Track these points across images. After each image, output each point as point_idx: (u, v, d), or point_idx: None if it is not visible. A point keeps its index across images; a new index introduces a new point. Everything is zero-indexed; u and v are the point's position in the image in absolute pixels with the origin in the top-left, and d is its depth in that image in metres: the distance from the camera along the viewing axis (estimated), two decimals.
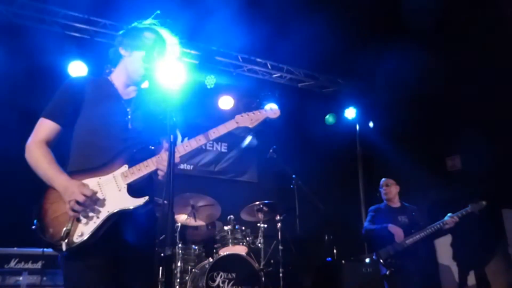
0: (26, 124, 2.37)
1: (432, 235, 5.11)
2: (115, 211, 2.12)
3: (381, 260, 4.95)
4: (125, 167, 2.22)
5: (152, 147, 2.34)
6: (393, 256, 4.88)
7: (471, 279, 6.91)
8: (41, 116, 2.29)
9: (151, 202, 2.23)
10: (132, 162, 2.23)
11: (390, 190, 5.48)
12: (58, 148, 2.33)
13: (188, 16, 5.84)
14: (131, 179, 2.20)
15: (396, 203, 5.44)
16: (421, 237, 4.93)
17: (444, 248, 7.31)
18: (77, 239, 2.05)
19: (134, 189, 2.20)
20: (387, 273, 4.82)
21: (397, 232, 4.93)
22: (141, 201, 2.16)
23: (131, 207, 2.14)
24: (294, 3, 5.84)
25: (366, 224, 5.34)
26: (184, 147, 2.28)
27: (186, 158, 7.38)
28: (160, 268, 4.11)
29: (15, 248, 4.57)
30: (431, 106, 7.44)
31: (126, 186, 2.18)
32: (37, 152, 2.21)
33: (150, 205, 2.21)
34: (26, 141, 2.26)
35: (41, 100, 2.40)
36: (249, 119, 2.50)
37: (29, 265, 4.52)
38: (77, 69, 5.89)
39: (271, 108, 2.55)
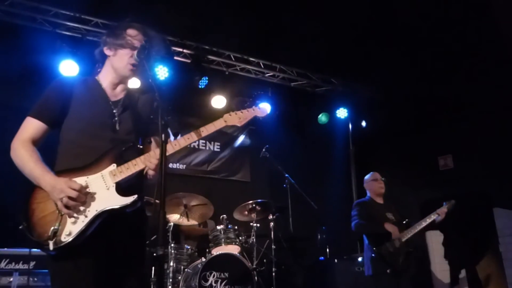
0: (17, 124, 2.34)
1: (423, 230, 5.02)
2: (103, 209, 2.10)
3: (382, 258, 4.81)
4: (113, 166, 2.20)
5: (141, 146, 2.33)
6: (394, 253, 4.76)
7: (463, 277, 6.97)
8: (28, 115, 2.28)
9: (140, 200, 2.21)
10: (121, 160, 2.22)
11: (383, 185, 5.36)
12: (45, 148, 2.31)
13: (180, 15, 5.84)
14: (119, 177, 2.18)
15: (380, 200, 5.33)
16: (412, 233, 4.83)
17: (435, 246, 7.37)
18: (64, 238, 2.03)
19: (123, 188, 2.17)
20: (388, 271, 4.72)
21: (395, 230, 4.83)
22: (129, 199, 2.14)
23: (119, 206, 2.12)
24: (287, 2, 5.84)
25: (355, 219, 5.10)
26: (172, 145, 2.27)
27: (179, 157, 7.37)
28: (153, 267, 4.09)
29: (5, 249, 4.53)
30: (423, 105, 7.48)
31: (114, 184, 2.17)
32: (22, 151, 2.19)
33: (139, 204, 2.18)
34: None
35: (33, 99, 2.38)
36: (237, 118, 2.50)
37: (20, 266, 4.48)
38: (68, 68, 5.83)
39: (260, 107, 2.55)
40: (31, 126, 2.25)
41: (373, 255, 4.82)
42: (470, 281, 6.82)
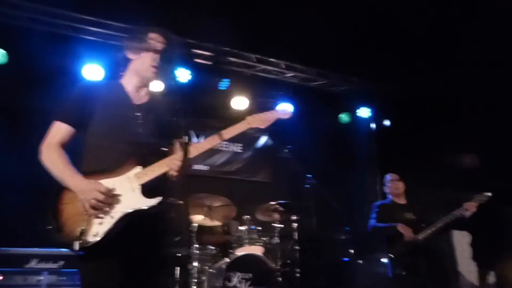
0: (43, 127, 2.41)
1: (448, 227, 4.90)
2: (129, 211, 2.15)
3: (394, 260, 4.79)
4: (138, 168, 2.24)
5: (165, 149, 2.35)
6: (406, 255, 4.72)
7: (491, 279, 6.81)
8: (54, 119, 2.34)
9: (165, 202, 2.25)
10: (145, 163, 2.26)
11: (399, 186, 5.34)
12: (71, 150, 2.37)
13: (200, 17, 5.89)
14: (144, 179, 2.22)
15: (403, 200, 5.29)
16: (435, 231, 4.73)
17: (463, 247, 7.21)
18: (91, 238, 2.08)
19: (147, 190, 2.21)
20: (404, 273, 4.68)
21: (406, 231, 4.78)
22: (154, 201, 2.18)
23: (145, 207, 2.17)
24: (307, 2, 5.82)
25: (372, 221, 5.15)
26: (196, 148, 2.29)
27: (202, 159, 7.42)
28: (177, 268, 4.13)
29: (35, 248, 4.65)
30: (448, 103, 7.35)
31: (140, 186, 2.21)
32: (51, 154, 2.26)
33: (164, 205, 2.22)
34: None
35: (57, 103, 2.44)
36: (260, 120, 2.49)
37: (49, 265, 4.59)
38: (91, 72, 5.96)
39: (282, 109, 2.54)
40: (59, 130, 2.32)
41: (388, 257, 4.78)
42: (499, 283, 6.66)
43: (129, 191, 2.20)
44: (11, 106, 6.03)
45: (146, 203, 2.18)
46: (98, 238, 2.08)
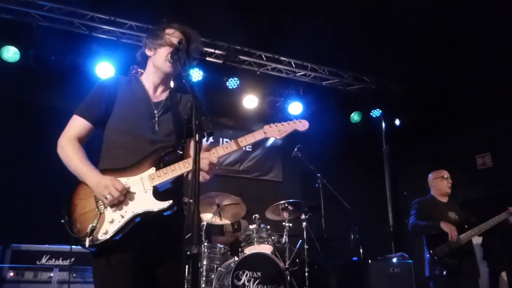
0: (57, 123, 2.43)
1: (490, 231, 4.65)
2: (139, 212, 2.16)
3: (436, 259, 4.56)
4: (152, 170, 2.25)
5: (180, 152, 2.35)
6: (449, 255, 4.52)
7: (503, 280, 6.74)
8: (74, 113, 2.36)
9: (177, 205, 2.24)
10: (160, 165, 2.27)
11: (451, 185, 4.97)
12: (90, 146, 2.39)
13: (211, 15, 5.89)
14: (157, 182, 2.23)
15: (445, 198, 5.00)
16: (477, 233, 4.54)
17: (474, 248, 7.14)
18: (101, 236, 2.10)
19: (160, 192, 2.23)
20: (444, 273, 4.52)
21: (451, 230, 4.50)
22: (165, 204, 2.18)
23: (155, 210, 2.18)
24: (319, 2, 5.79)
25: (412, 218, 4.87)
26: (211, 154, 2.29)
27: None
28: (186, 266, 4.15)
29: (46, 245, 4.71)
30: (459, 103, 7.28)
31: (152, 188, 2.22)
32: (69, 148, 2.27)
33: (175, 208, 2.21)
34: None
35: (71, 100, 2.47)
36: (277, 130, 2.47)
37: (60, 262, 4.64)
38: (104, 70, 6.00)
39: (300, 121, 2.52)
40: (77, 124, 2.34)
41: (428, 256, 4.65)
42: (511, 282, 6.58)
43: (141, 192, 2.21)
44: (24, 103, 6.11)
45: (156, 205, 2.19)
46: (107, 237, 2.10)
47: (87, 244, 2.08)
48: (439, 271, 4.52)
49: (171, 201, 2.19)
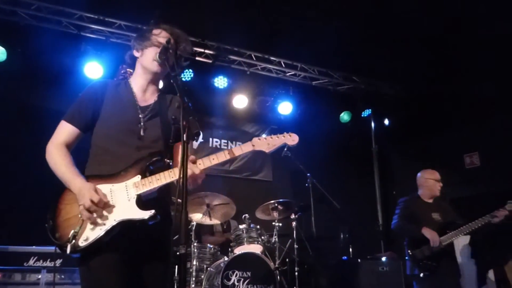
0: (45, 124, 2.41)
1: (473, 232, 4.67)
2: (121, 220, 2.13)
3: (415, 261, 4.64)
4: (138, 177, 2.22)
5: (168, 160, 2.33)
6: (429, 258, 4.56)
7: (490, 277, 6.81)
8: (62, 118, 2.35)
9: (162, 214, 2.20)
10: (146, 173, 2.24)
11: (441, 188, 4.99)
12: (78, 151, 2.38)
13: (201, 15, 5.88)
14: (141, 190, 2.20)
15: (431, 199, 5.03)
16: (458, 236, 4.55)
17: (462, 246, 7.21)
18: (82, 243, 2.08)
19: (143, 201, 2.20)
20: (421, 275, 4.57)
21: (433, 236, 4.54)
22: (146, 214, 2.14)
23: (136, 218, 2.14)
24: (309, 2, 5.80)
25: (396, 218, 4.92)
26: (197, 165, 2.25)
27: (201, 157, 7.41)
28: (176, 266, 4.13)
29: (33, 246, 4.66)
30: (447, 103, 7.35)
31: (136, 196, 2.18)
32: (56, 154, 2.26)
33: (158, 217, 2.16)
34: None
35: (59, 100, 2.45)
36: (266, 143, 2.44)
37: (48, 263, 4.60)
38: (93, 70, 5.97)
39: (290, 134, 2.50)
40: (65, 130, 2.33)
41: (407, 257, 4.71)
42: (498, 281, 6.66)
43: (125, 200, 2.18)
44: (11, 104, 6.03)
45: (138, 214, 2.15)
46: (87, 244, 2.07)
47: (68, 251, 2.06)
48: (418, 272, 4.58)
49: (153, 211, 2.14)
